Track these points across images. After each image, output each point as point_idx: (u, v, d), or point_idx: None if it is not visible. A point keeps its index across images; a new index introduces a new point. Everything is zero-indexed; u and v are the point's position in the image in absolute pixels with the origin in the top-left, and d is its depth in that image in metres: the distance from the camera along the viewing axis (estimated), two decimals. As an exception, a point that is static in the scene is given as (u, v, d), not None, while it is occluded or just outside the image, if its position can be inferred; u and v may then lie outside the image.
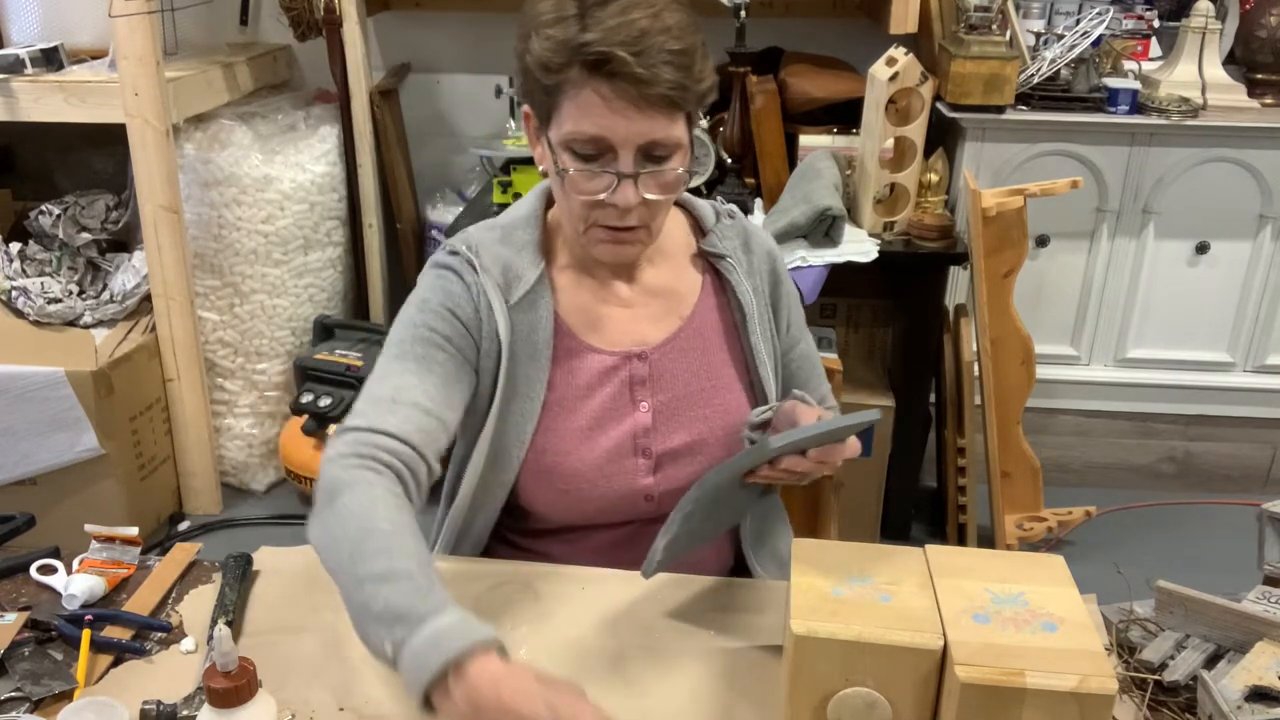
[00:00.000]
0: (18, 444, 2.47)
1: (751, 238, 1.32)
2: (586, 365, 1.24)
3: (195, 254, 2.68)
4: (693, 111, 1.15)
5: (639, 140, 1.10)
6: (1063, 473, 2.88)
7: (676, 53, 1.07)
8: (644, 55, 1.05)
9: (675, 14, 1.09)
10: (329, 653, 1.11)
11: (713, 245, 1.29)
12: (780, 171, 2.56)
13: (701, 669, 1.09)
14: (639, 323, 1.27)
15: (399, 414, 1.11)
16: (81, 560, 1.22)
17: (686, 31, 1.09)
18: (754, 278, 1.30)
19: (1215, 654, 1.05)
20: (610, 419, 1.24)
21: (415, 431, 1.10)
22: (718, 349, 1.29)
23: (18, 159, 3.14)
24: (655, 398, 1.25)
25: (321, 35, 2.82)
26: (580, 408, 1.24)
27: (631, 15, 1.06)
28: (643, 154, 1.11)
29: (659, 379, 1.26)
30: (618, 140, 1.09)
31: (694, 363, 1.27)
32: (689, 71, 1.09)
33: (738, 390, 1.29)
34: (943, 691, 0.89)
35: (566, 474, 1.23)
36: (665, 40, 1.07)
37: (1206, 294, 2.72)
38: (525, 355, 1.21)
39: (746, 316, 1.28)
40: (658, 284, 1.28)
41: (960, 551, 1.02)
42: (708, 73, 1.13)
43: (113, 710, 0.97)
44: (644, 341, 1.26)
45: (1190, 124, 2.55)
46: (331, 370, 2.71)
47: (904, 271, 2.51)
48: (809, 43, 2.81)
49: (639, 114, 1.08)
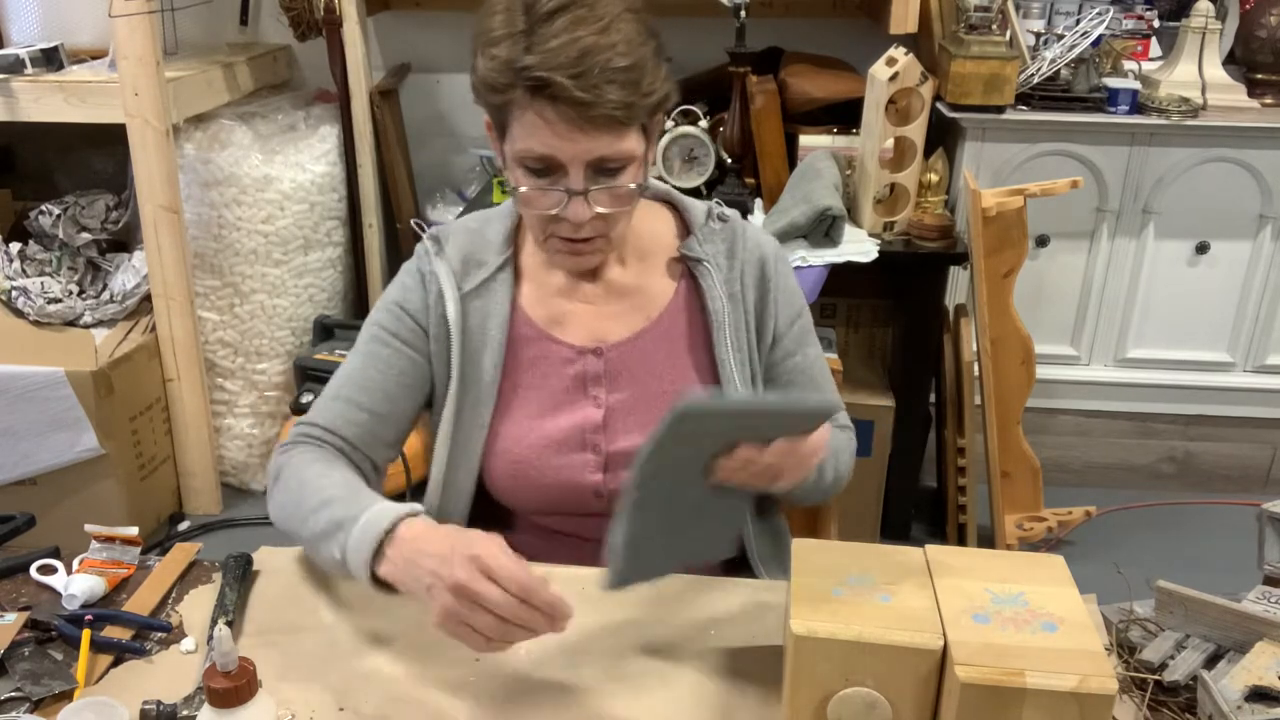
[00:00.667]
0: (18, 444, 2.47)
1: (740, 242, 1.28)
2: (543, 354, 1.26)
3: (195, 254, 2.68)
4: (646, 122, 1.14)
5: (586, 158, 1.10)
6: (1063, 473, 2.88)
7: (622, 69, 1.06)
8: (584, 76, 1.05)
9: (625, 26, 1.08)
10: (329, 653, 1.11)
11: (690, 249, 1.27)
12: (780, 171, 2.56)
13: (701, 669, 1.09)
14: (601, 320, 1.27)
15: (334, 409, 1.23)
16: (81, 560, 1.22)
17: (635, 45, 1.08)
18: (733, 285, 1.27)
19: (1215, 654, 1.05)
20: (561, 410, 1.24)
21: (346, 425, 1.22)
22: (683, 354, 1.27)
23: (18, 159, 3.14)
24: (610, 396, 1.25)
25: (321, 35, 2.82)
26: (532, 396, 1.25)
27: (577, 33, 1.06)
28: (593, 169, 1.12)
29: (615, 377, 1.25)
30: (565, 159, 1.10)
31: (656, 365, 1.26)
32: (635, 88, 1.08)
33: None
34: (943, 691, 0.89)
35: (517, 459, 1.24)
36: (610, 58, 1.06)
37: (1206, 294, 2.72)
38: (477, 341, 1.24)
39: (714, 326, 1.26)
40: (625, 283, 1.27)
41: (960, 551, 1.02)
42: (659, 83, 1.12)
43: (113, 710, 0.97)
44: (603, 338, 1.26)
45: (1190, 124, 2.55)
46: (331, 370, 2.66)
47: (904, 271, 2.51)
48: (809, 43, 2.81)
49: (583, 134, 1.08)
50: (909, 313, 2.61)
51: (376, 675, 1.08)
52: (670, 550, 1.07)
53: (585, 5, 1.08)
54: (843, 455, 1.32)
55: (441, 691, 1.06)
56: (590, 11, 1.07)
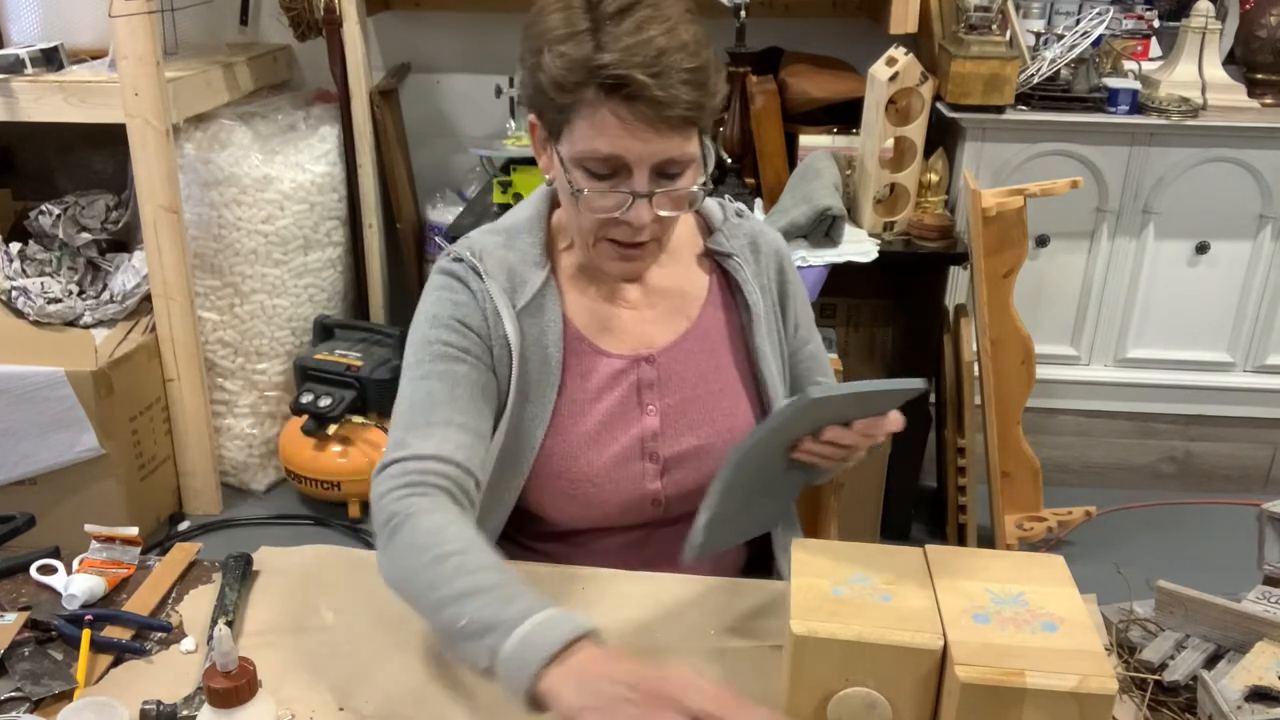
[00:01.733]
0: (18, 444, 2.47)
1: (759, 237, 1.31)
2: (596, 368, 1.23)
3: (195, 254, 2.68)
4: (707, 125, 1.13)
5: (654, 160, 1.08)
6: (1063, 473, 2.88)
7: (693, 70, 1.05)
8: (662, 76, 1.03)
9: (690, 28, 1.07)
10: (329, 653, 1.11)
11: (719, 244, 1.28)
12: (780, 171, 2.56)
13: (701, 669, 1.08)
14: (646, 324, 1.26)
15: (436, 435, 1.11)
16: (81, 560, 1.22)
17: (702, 46, 1.08)
18: (761, 277, 1.29)
19: (1215, 654, 1.05)
20: (618, 423, 1.23)
21: (456, 449, 1.11)
22: (724, 351, 1.28)
23: (18, 159, 3.14)
24: (663, 401, 1.24)
25: (321, 35, 2.82)
26: (589, 411, 1.23)
27: (648, 33, 1.04)
28: (657, 172, 1.10)
29: (666, 382, 1.25)
30: (633, 160, 1.08)
31: (701, 365, 1.26)
32: (705, 89, 1.07)
33: (742, 393, 1.28)
34: (943, 691, 0.89)
35: (575, 478, 1.22)
36: (682, 59, 1.04)
37: (1206, 294, 2.72)
38: (536, 360, 1.21)
39: (753, 318, 1.27)
40: (665, 285, 1.27)
41: (960, 551, 1.02)
42: (721, 86, 1.12)
43: (113, 710, 0.97)
44: (651, 344, 1.25)
45: (1190, 124, 2.54)
46: (331, 370, 2.71)
47: (904, 271, 2.51)
48: (809, 43, 2.81)
49: (656, 135, 1.06)
50: (909, 313, 2.61)
51: (376, 675, 1.08)
52: (743, 523, 1.18)
53: (650, 5, 1.07)
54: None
55: (442, 692, 1.06)
56: (656, 11, 1.06)
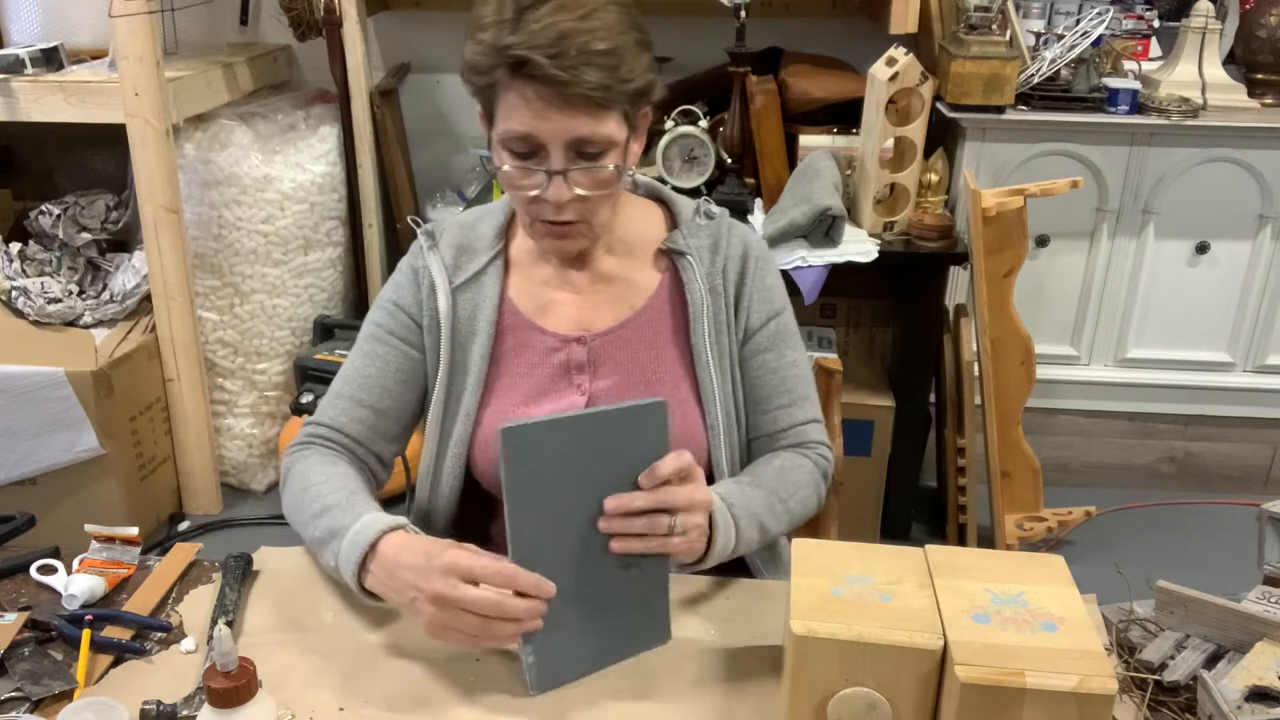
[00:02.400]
0: (18, 444, 2.47)
1: (724, 238, 1.30)
2: (529, 344, 1.28)
3: (195, 254, 2.68)
4: (628, 109, 1.16)
5: (566, 137, 1.13)
6: (1063, 473, 2.88)
7: (600, 53, 1.09)
8: (562, 58, 1.08)
9: (607, 14, 1.11)
10: (329, 653, 1.11)
11: (675, 242, 1.29)
12: (780, 171, 2.56)
13: (701, 669, 1.09)
14: (586, 309, 1.28)
15: (338, 407, 1.28)
16: (81, 560, 1.22)
17: (615, 32, 1.11)
18: (714, 278, 1.29)
19: (1215, 654, 1.05)
20: (546, 398, 1.27)
21: (350, 422, 1.27)
22: (665, 344, 1.28)
23: (18, 159, 3.14)
24: (593, 383, 1.27)
25: (321, 35, 2.82)
26: (519, 385, 1.27)
27: (557, 17, 1.09)
28: (574, 151, 1.14)
29: (598, 365, 1.27)
30: (545, 138, 1.13)
31: (639, 354, 1.28)
32: (613, 72, 1.10)
33: (682, 390, 1.28)
34: (943, 691, 0.89)
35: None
36: (589, 40, 1.09)
37: (1206, 294, 2.72)
38: (467, 332, 1.27)
39: (691, 318, 1.27)
40: (612, 273, 1.29)
41: (960, 551, 1.02)
42: (639, 72, 1.14)
43: (113, 710, 0.97)
44: (589, 327, 1.28)
45: (1190, 124, 2.55)
46: (331, 370, 2.70)
47: (904, 271, 2.51)
48: (809, 43, 2.81)
49: (561, 114, 1.11)
50: (909, 313, 2.61)
51: (376, 675, 1.08)
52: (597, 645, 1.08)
53: None
54: (800, 494, 1.28)
55: (442, 691, 1.06)
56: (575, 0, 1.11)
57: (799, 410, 1.32)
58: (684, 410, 1.27)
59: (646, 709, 1.03)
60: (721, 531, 1.14)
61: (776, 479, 1.26)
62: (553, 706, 1.04)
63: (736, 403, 1.30)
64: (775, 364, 1.31)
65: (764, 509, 1.22)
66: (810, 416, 1.33)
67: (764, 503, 1.22)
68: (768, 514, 1.22)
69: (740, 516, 1.17)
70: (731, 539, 1.15)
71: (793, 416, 1.31)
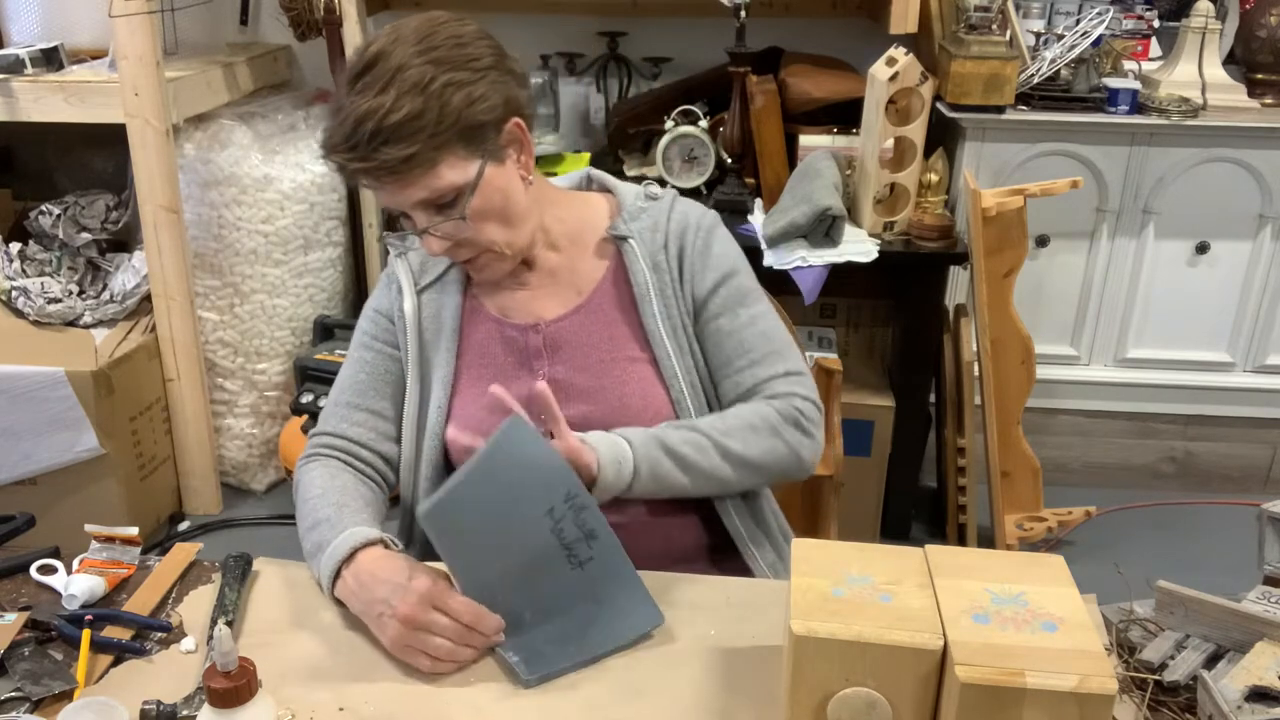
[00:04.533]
0: (18, 444, 2.47)
1: (664, 216, 1.33)
2: (493, 334, 1.33)
3: (195, 254, 2.68)
4: (465, 148, 1.17)
5: (410, 203, 1.19)
6: (1063, 473, 2.88)
7: (396, 125, 1.12)
8: (359, 147, 1.13)
9: (409, 73, 1.14)
10: (329, 653, 1.11)
11: (616, 229, 1.33)
12: (780, 171, 2.56)
13: (701, 669, 1.09)
14: (539, 300, 1.33)
15: (337, 414, 1.34)
16: (81, 560, 1.22)
17: (416, 90, 1.13)
18: (657, 255, 1.32)
19: (1215, 654, 1.05)
20: (511, 386, 1.28)
21: (349, 426, 1.33)
22: (617, 325, 1.32)
23: (18, 159, 3.14)
24: (551, 369, 1.31)
25: (321, 35, 2.82)
26: (485, 374, 1.32)
27: (358, 100, 1.13)
28: (431, 207, 1.19)
29: (555, 351, 1.31)
30: (400, 208, 1.21)
31: (592, 337, 1.31)
32: (418, 135, 1.13)
33: (640, 365, 1.30)
34: (943, 691, 0.89)
35: (474, 429, 1.29)
36: (385, 116, 1.12)
37: (1206, 294, 2.72)
38: (433, 329, 1.33)
39: (639, 298, 1.30)
40: (558, 267, 1.34)
41: (960, 551, 1.02)
42: (465, 107, 1.15)
43: (113, 710, 0.97)
44: (542, 317, 1.32)
45: (1190, 124, 2.54)
46: (331, 370, 2.70)
47: (904, 271, 2.51)
48: (809, 43, 2.81)
49: (396, 188, 1.17)
50: (909, 313, 2.60)
51: (376, 675, 1.08)
52: (575, 639, 1.11)
53: (374, 66, 1.15)
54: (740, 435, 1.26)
55: (441, 691, 1.06)
56: (374, 74, 1.15)
57: (763, 367, 1.31)
58: (645, 388, 1.30)
59: (646, 709, 1.03)
60: (610, 462, 1.17)
61: (714, 421, 1.27)
62: (552, 706, 1.04)
63: (700, 375, 1.32)
64: (730, 326, 1.32)
65: (680, 441, 1.23)
66: (778, 370, 1.31)
67: (681, 437, 1.23)
68: (687, 446, 1.23)
69: (637, 442, 1.21)
70: (626, 467, 1.19)
71: (756, 374, 1.31)
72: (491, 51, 1.20)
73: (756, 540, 1.34)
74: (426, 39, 1.16)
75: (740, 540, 1.33)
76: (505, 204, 1.23)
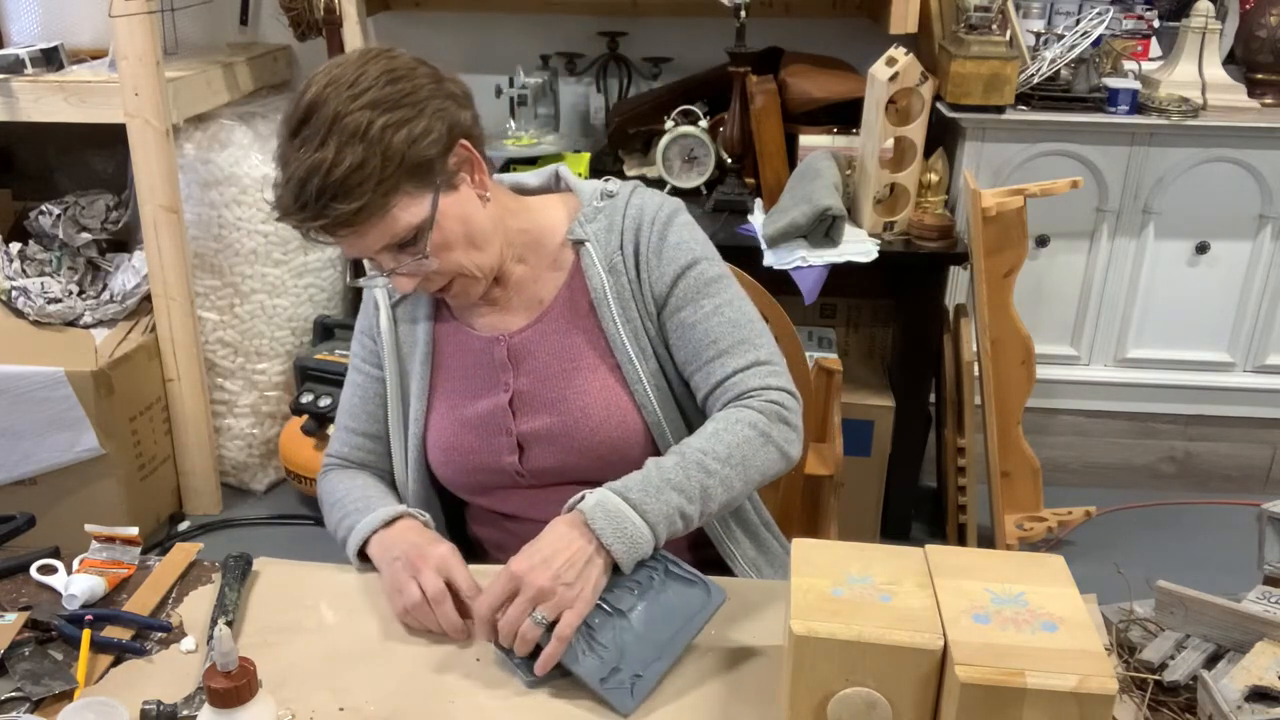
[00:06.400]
0: (18, 444, 2.47)
1: (618, 214, 1.29)
2: (465, 346, 1.33)
3: (195, 254, 2.68)
4: (415, 185, 1.15)
5: (371, 250, 1.19)
6: (1063, 473, 2.88)
7: (340, 179, 1.10)
8: (308, 206, 1.12)
9: (348, 121, 1.11)
10: (329, 653, 1.11)
11: (573, 233, 1.30)
12: (780, 171, 2.56)
13: (701, 669, 1.09)
14: (504, 313, 1.33)
15: (339, 439, 1.40)
16: (81, 560, 1.22)
17: (356, 139, 1.11)
18: (613, 257, 1.28)
19: (1215, 654, 1.05)
20: (481, 396, 1.32)
21: (351, 450, 1.39)
22: (577, 332, 1.29)
23: (18, 159, 3.14)
24: (516, 380, 1.30)
25: (321, 35, 2.81)
26: (458, 386, 1.33)
27: (301, 155, 1.12)
28: (394, 248, 1.18)
29: (520, 362, 1.30)
30: (363, 256, 1.21)
31: (553, 345, 1.30)
32: (360, 187, 1.11)
33: (601, 373, 1.28)
34: (943, 691, 0.89)
35: (446, 445, 1.32)
36: (330, 170, 1.10)
37: (1206, 294, 2.72)
38: (409, 343, 1.35)
39: (596, 302, 1.28)
40: (521, 276, 1.32)
41: (960, 551, 1.02)
42: (393, 155, 1.12)
43: (113, 710, 0.97)
44: (506, 329, 1.32)
45: (1190, 124, 2.54)
46: (331, 370, 2.71)
47: (904, 271, 2.51)
48: (809, 43, 2.81)
49: (352, 239, 1.17)
50: (909, 313, 2.61)
51: (376, 675, 1.08)
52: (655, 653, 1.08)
53: (311, 117, 1.12)
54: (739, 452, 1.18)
55: (441, 691, 1.06)
56: (312, 126, 1.12)
57: (732, 358, 1.24)
58: (608, 397, 1.27)
59: (646, 708, 1.03)
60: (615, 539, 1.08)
61: (708, 444, 1.17)
62: (552, 707, 1.04)
63: (669, 377, 1.29)
64: (694, 318, 1.26)
65: (684, 481, 1.13)
66: (747, 361, 1.24)
67: (683, 476, 1.13)
68: (691, 485, 1.13)
69: (647, 507, 1.10)
70: (641, 534, 1.09)
71: (725, 366, 1.24)
72: (428, 79, 1.17)
73: (733, 537, 1.32)
74: (358, 82, 1.13)
75: (716, 538, 1.31)
76: (467, 229, 1.21)
